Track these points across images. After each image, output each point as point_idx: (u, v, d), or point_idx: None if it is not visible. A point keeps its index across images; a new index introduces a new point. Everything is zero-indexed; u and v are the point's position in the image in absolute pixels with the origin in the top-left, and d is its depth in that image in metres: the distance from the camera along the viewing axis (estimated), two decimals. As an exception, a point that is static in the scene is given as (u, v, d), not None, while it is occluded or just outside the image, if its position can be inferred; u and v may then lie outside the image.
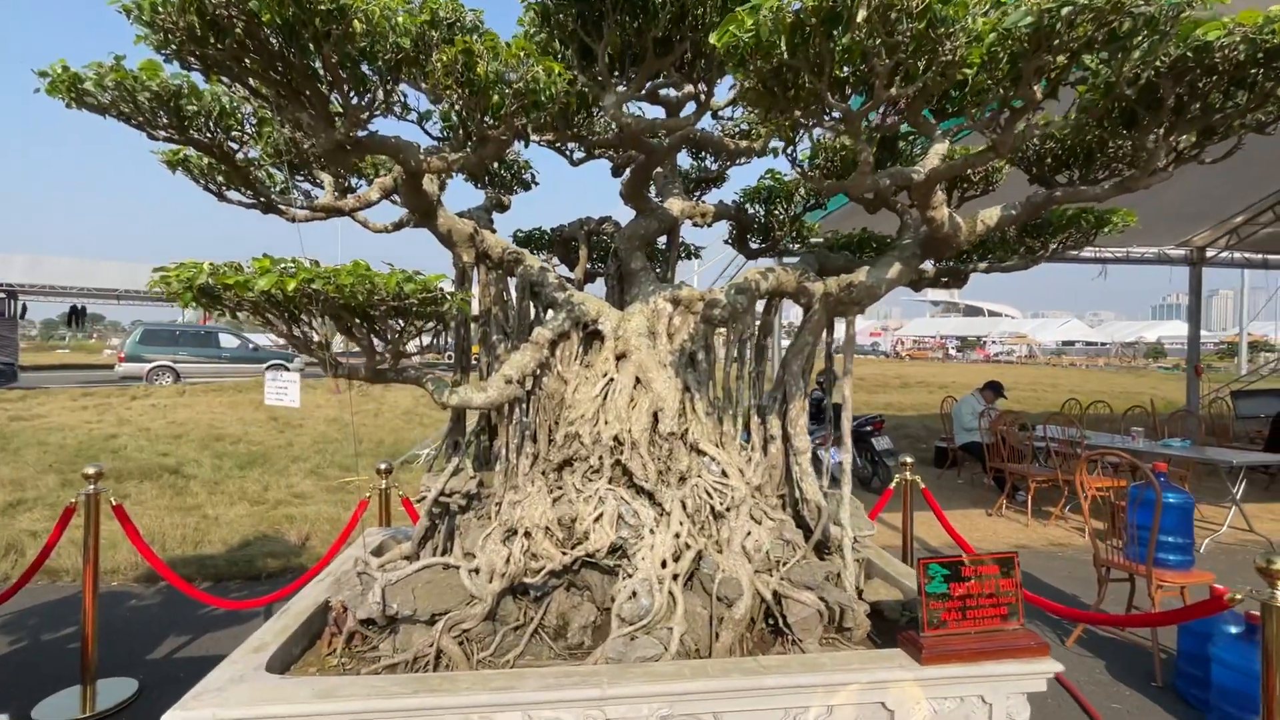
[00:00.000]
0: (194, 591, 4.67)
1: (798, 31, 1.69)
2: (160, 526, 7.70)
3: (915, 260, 2.69)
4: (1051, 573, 7.14)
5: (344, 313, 2.07)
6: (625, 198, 3.05)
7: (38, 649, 4.97)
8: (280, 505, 8.73)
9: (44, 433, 12.84)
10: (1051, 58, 1.70)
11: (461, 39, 1.86)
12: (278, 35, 1.78)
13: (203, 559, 6.87)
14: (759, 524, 2.80)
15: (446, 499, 2.84)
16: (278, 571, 6.67)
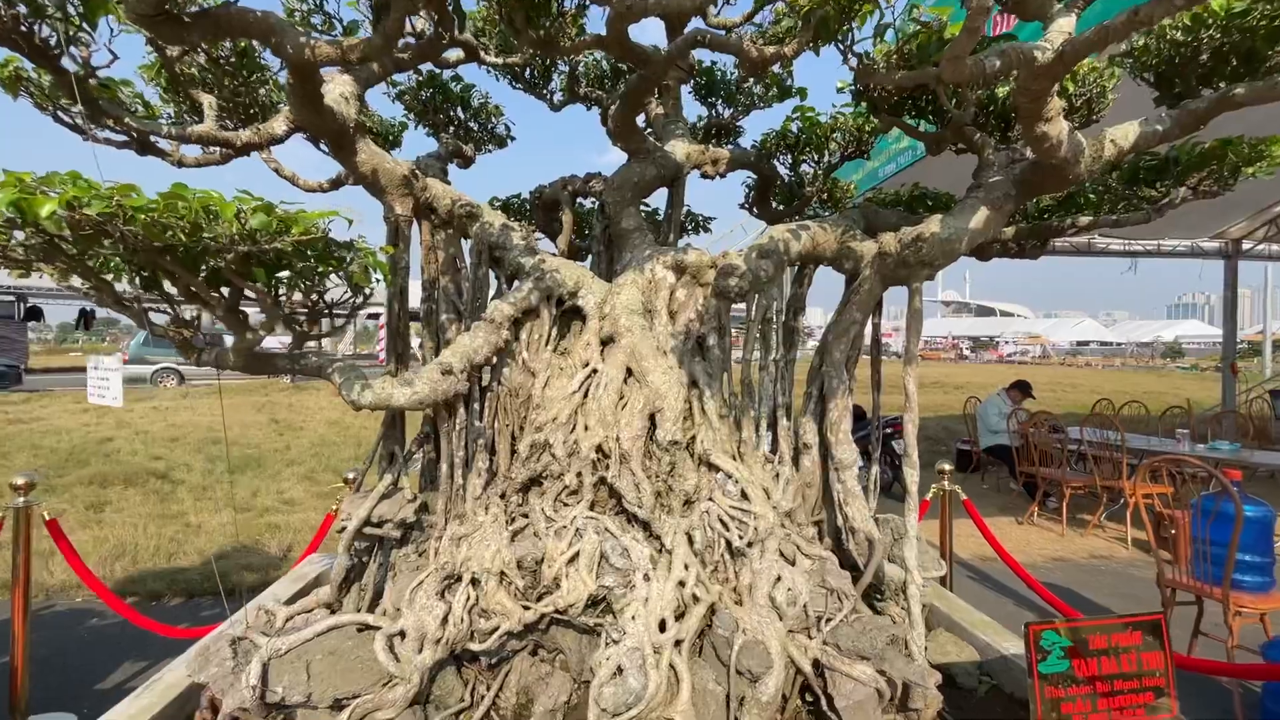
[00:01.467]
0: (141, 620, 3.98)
1: None
2: (134, 536, 7.03)
3: (1008, 203, 1.88)
4: (1096, 588, 6.22)
5: (164, 261, 1.29)
6: (615, 135, 2.26)
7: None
8: (267, 513, 8.07)
9: (39, 436, 12.28)
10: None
11: None
12: None
13: (175, 572, 6.18)
14: (792, 565, 1.99)
15: (375, 529, 2.05)
16: (255, 586, 6.00)
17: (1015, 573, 4.39)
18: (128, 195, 1.13)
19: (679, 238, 2.62)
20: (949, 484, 4.58)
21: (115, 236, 1.18)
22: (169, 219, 1.18)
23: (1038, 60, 1.37)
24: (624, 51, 1.88)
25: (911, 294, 1.98)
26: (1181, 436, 8.25)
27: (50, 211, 1.09)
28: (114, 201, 1.13)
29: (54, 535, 4.35)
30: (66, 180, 1.20)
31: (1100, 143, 1.71)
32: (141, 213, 1.14)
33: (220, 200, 1.23)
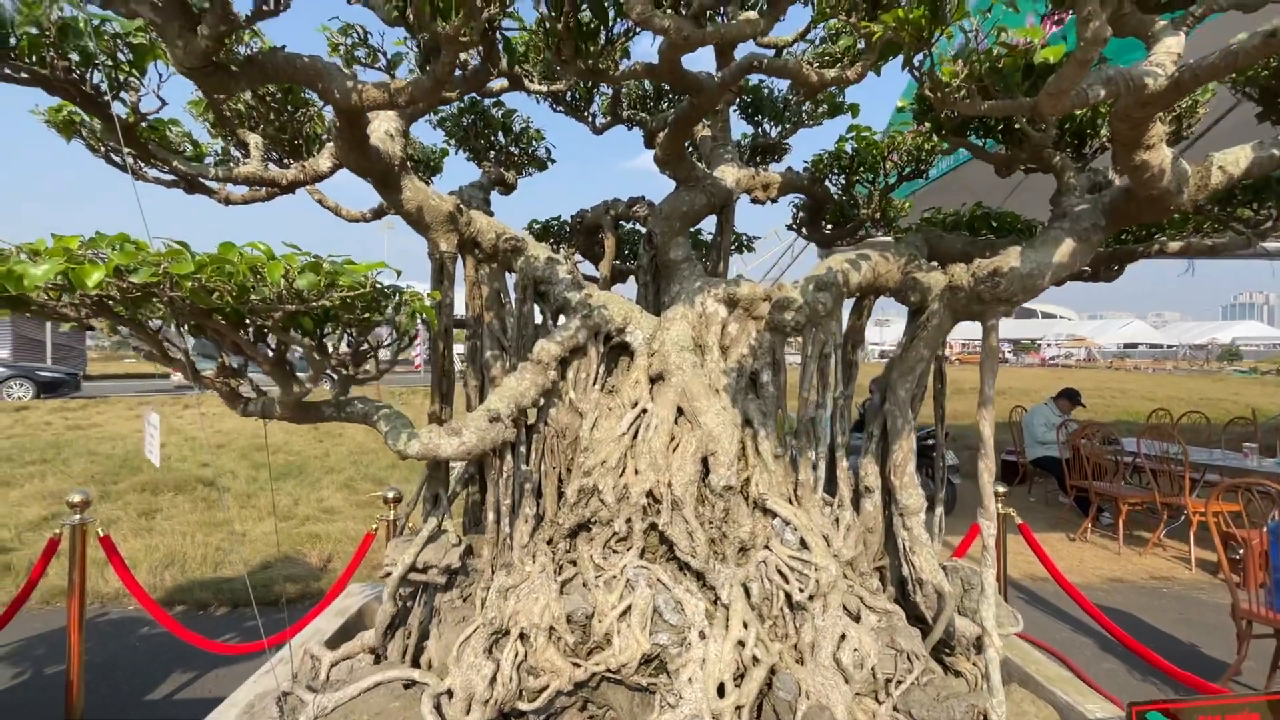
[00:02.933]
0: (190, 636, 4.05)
1: None
2: (183, 545, 7.22)
3: (1096, 234, 1.72)
4: (1158, 613, 5.87)
5: (212, 321, 1.25)
6: (662, 163, 2.16)
7: (40, 684, 4.42)
8: (307, 521, 8.21)
9: (96, 442, 12.78)
10: None
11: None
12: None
13: (221, 582, 6.32)
14: (856, 620, 1.86)
15: (420, 574, 1.99)
16: (295, 598, 6.09)
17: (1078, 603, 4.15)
18: (175, 261, 1.08)
19: (728, 265, 2.51)
20: (1003, 506, 4.36)
21: (163, 300, 1.13)
22: (216, 283, 1.12)
23: (1148, 88, 1.22)
24: (676, 80, 1.78)
25: (986, 331, 1.83)
26: (1249, 451, 7.77)
27: (97, 281, 1.04)
28: (161, 269, 1.08)
29: (107, 552, 4.44)
30: (115, 242, 1.15)
31: (1207, 169, 1.54)
32: (188, 280, 1.09)
33: (267, 255, 1.17)
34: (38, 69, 1.44)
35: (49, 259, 1.05)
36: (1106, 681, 4.39)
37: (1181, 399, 15.48)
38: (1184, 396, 16.44)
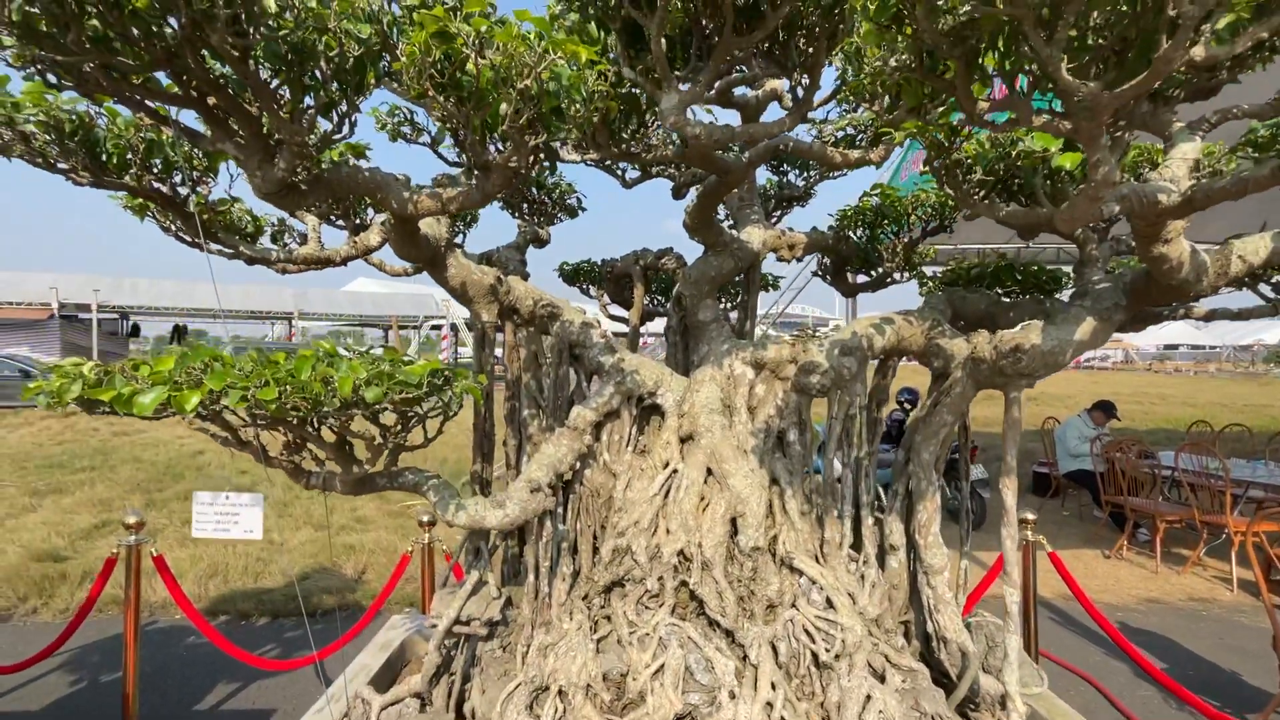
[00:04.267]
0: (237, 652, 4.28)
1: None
2: (225, 556, 7.52)
3: (1117, 314, 1.78)
4: (1196, 638, 5.77)
5: (287, 425, 1.39)
6: (691, 230, 2.27)
7: (94, 691, 4.70)
8: (342, 531, 8.46)
9: (140, 449, 13.28)
10: None
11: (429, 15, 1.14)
12: (162, 26, 1.11)
13: (262, 593, 6.59)
14: (881, 681, 1.95)
15: (463, 626, 2.13)
16: (332, 609, 6.32)
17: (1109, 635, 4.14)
18: (260, 387, 1.22)
19: (754, 324, 2.60)
20: (1032, 534, 4.36)
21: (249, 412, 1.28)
22: (293, 399, 1.26)
23: (1161, 204, 1.28)
24: (705, 164, 1.88)
25: (1009, 404, 1.89)
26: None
27: (194, 406, 1.19)
28: (249, 393, 1.22)
29: (160, 570, 4.70)
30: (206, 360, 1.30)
31: (1226, 258, 1.59)
32: (272, 402, 1.23)
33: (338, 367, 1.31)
34: (128, 182, 1.60)
35: (152, 384, 1.20)
36: (1141, 709, 4.36)
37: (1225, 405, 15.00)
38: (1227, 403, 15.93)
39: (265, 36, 1.08)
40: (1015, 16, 0.92)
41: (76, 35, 1.06)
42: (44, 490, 10.11)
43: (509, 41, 1.17)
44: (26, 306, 21.37)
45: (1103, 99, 0.96)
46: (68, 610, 6.09)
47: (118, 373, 1.26)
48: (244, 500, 2.40)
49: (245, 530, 2.37)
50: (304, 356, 1.34)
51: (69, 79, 1.22)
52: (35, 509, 9.31)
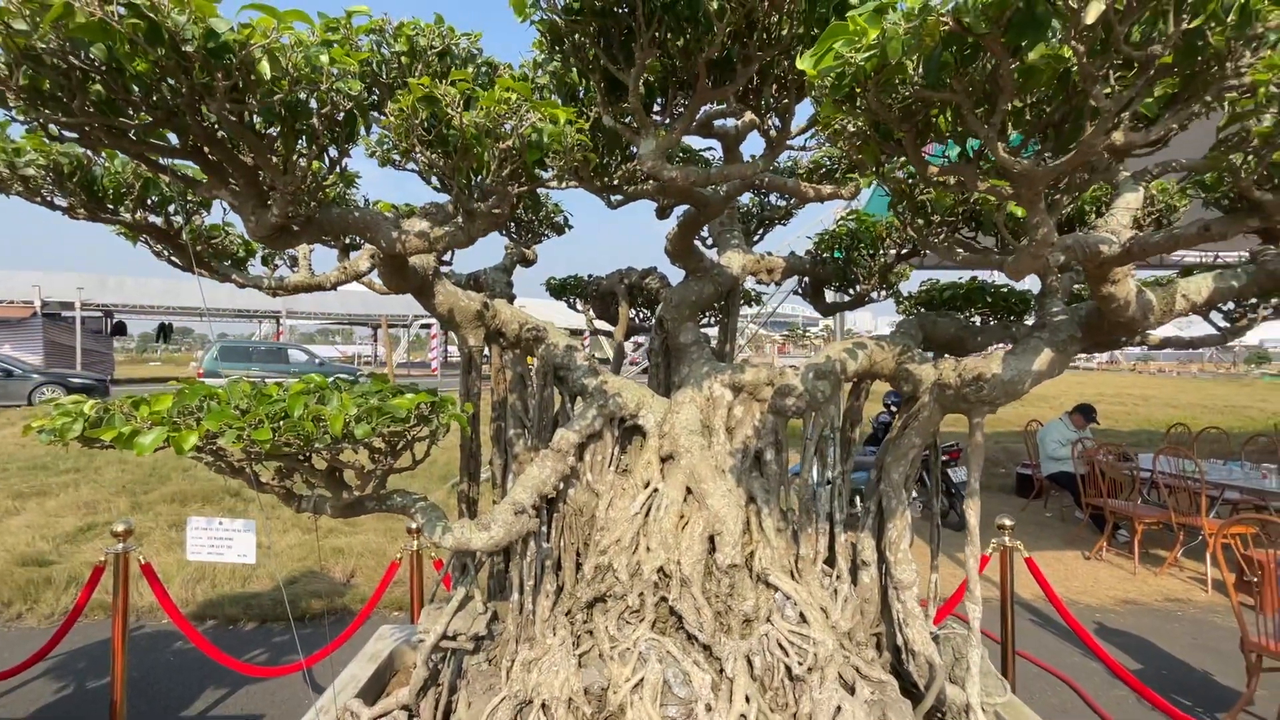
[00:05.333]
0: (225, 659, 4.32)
1: (954, 45, 0.96)
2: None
3: (1073, 345, 1.89)
4: (1170, 638, 5.94)
5: (281, 458, 1.47)
6: (672, 256, 2.36)
7: (81, 697, 4.72)
8: (330, 534, 8.47)
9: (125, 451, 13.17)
10: None
11: (417, 83, 1.22)
12: (161, 88, 1.18)
13: (249, 597, 6.61)
14: (852, 693, 2.06)
15: (450, 641, 2.22)
16: (320, 614, 6.35)
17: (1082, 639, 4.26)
18: (255, 428, 1.30)
19: (734, 346, 2.70)
20: (1010, 539, 4.48)
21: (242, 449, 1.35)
22: (288, 437, 1.34)
23: (1103, 254, 1.38)
24: (685, 198, 1.97)
25: (973, 429, 2.00)
26: (1268, 471, 7.78)
27: (191, 445, 1.26)
28: (244, 433, 1.29)
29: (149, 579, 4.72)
30: (200, 397, 1.37)
31: (1171, 297, 1.70)
32: (266, 442, 1.31)
33: (329, 402, 1.39)
34: (124, 217, 1.67)
35: (153, 426, 1.27)
36: (1115, 710, 4.49)
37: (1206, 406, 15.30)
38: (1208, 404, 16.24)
39: (261, 101, 1.15)
40: (954, 100, 1.01)
41: (81, 100, 1.13)
42: (27, 493, 10.03)
43: (492, 105, 1.25)
44: (8, 305, 21.13)
45: (1036, 173, 1.06)
46: (53, 616, 6.09)
47: (118, 411, 1.33)
48: (237, 526, 2.47)
49: (239, 555, 2.44)
50: (295, 395, 1.42)
51: (71, 134, 1.28)
52: (19, 512, 9.25)
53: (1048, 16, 0.90)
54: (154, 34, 1.02)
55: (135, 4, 0.97)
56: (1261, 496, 7.70)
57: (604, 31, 1.48)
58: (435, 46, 1.69)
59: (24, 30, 1.00)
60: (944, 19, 0.90)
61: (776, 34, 1.46)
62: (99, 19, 0.97)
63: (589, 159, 1.61)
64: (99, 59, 1.06)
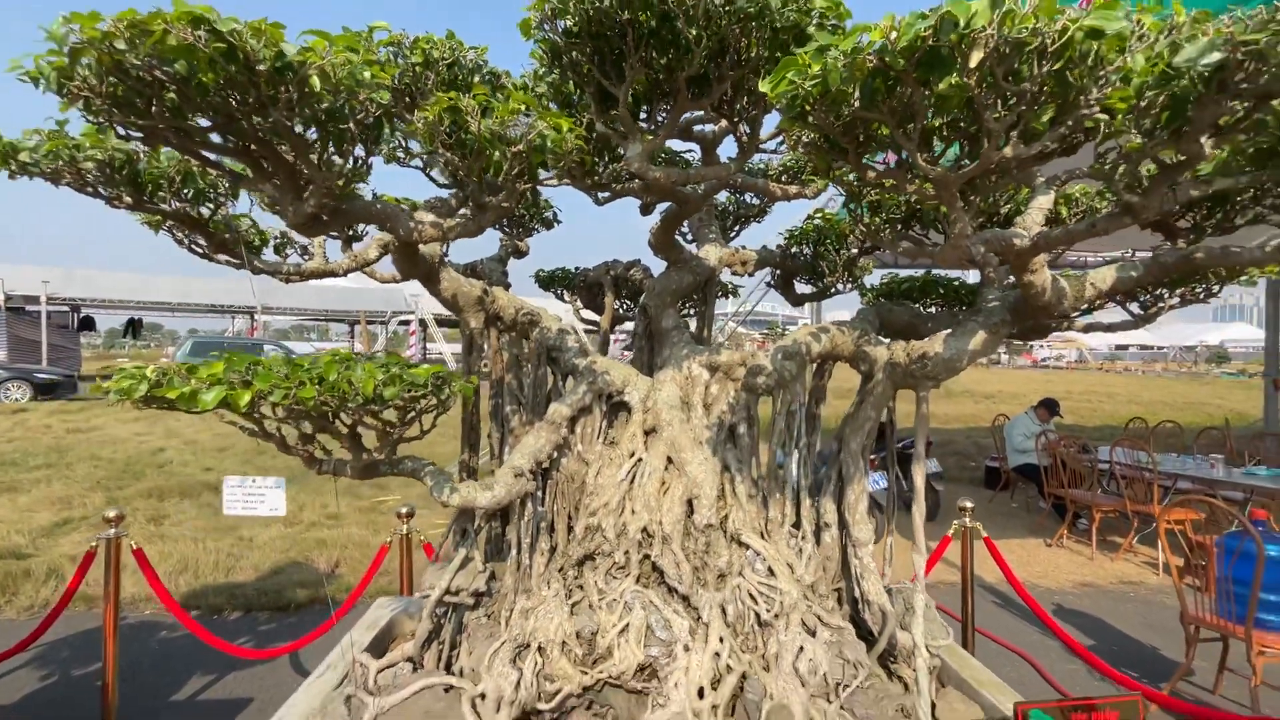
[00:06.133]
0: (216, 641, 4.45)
1: (879, 77, 1.24)
2: (195, 551, 7.57)
3: (1003, 328, 2.20)
4: (1122, 617, 6.40)
5: (312, 419, 1.70)
6: (655, 248, 2.63)
7: (66, 685, 4.81)
8: (313, 527, 8.56)
9: (98, 446, 13.06)
10: (1236, 103, 1.21)
11: (444, 96, 1.47)
12: (224, 96, 1.41)
13: (234, 587, 6.70)
14: (813, 636, 2.34)
15: (453, 597, 2.46)
16: (306, 603, 6.46)
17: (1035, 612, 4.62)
18: (301, 386, 1.53)
19: (711, 330, 2.97)
20: (970, 521, 4.83)
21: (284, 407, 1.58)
22: (326, 397, 1.57)
23: (1015, 246, 1.68)
24: (667, 196, 2.24)
25: (919, 401, 2.30)
26: (1215, 461, 8.29)
27: (247, 402, 1.49)
28: (290, 393, 1.53)
29: (140, 564, 4.86)
30: (248, 364, 1.60)
31: (1081, 285, 2.01)
32: (309, 400, 1.54)
33: (363, 376, 1.63)
34: (163, 206, 1.89)
35: (211, 384, 1.50)
36: (1068, 682, 4.86)
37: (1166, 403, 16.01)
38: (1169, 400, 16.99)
39: (311, 109, 1.39)
40: (882, 120, 1.29)
41: (159, 107, 1.35)
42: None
43: (506, 115, 1.50)
44: (-29, 299, 20.66)
45: (949, 178, 1.34)
46: (33, 608, 6.14)
47: (175, 374, 1.55)
48: (269, 483, 2.68)
49: (270, 509, 2.65)
50: (329, 362, 1.65)
51: (137, 134, 1.51)
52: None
53: (951, 57, 1.18)
54: (230, 54, 1.25)
55: (219, 30, 1.21)
56: (1211, 485, 8.20)
57: (598, 51, 1.75)
58: (446, 58, 1.93)
59: (121, 49, 1.23)
60: (870, 57, 1.18)
61: (746, 55, 1.73)
62: (188, 42, 1.20)
63: (585, 161, 1.87)
64: (179, 73, 1.29)
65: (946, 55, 1.16)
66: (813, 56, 1.21)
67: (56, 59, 1.28)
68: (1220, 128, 1.35)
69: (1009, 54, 1.10)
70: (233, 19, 1.23)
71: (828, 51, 1.21)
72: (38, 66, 1.30)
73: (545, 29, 1.73)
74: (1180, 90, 1.22)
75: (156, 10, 1.19)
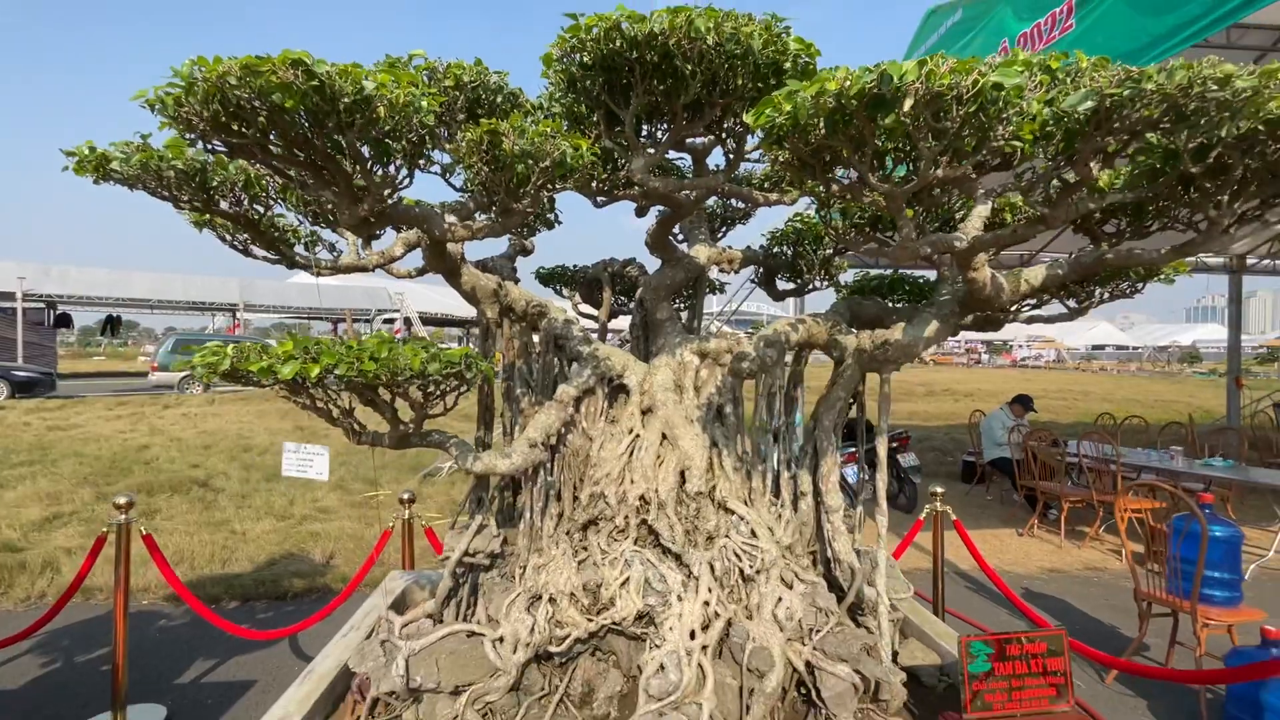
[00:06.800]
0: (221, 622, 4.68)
1: (838, 114, 1.60)
2: (189, 544, 7.74)
3: (954, 318, 2.58)
4: (1087, 600, 6.87)
5: (366, 390, 2.03)
6: (650, 247, 2.98)
7: (71, 670, 5.01)
8: (305, 521, 8.77)
9: (80, 443, 13.09)
10: (1111, 139, 1.58)
11: (487, 122, 1.81)
12: (302, 121, 1.74)
13: (230, 578, 6.90)
14: (790, 588, 2.71)
15: (470, 558, 2.79)
16: (303, 592, 6.67)
17: (1000, 590, 5.04)
18: (362, 361, 1.85)
19: (701, 322, 3.34)
20: (940, 504, 5.24)
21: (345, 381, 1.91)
22: (382, 372, 1.90)
23: (955, 248, 2.06)
24: (663, 201, 2.59)
25: (882, 381, 2.68)
26: (1175, 453, 8.83)
27: (317, 374, 1.81)
28: (354, 365, 1.85)
29: (150, 549, 5.10)
30: (307, 345, 1.93)
31: (1018, 281, 2.40)
32: (370, 372, 1.86)
33: (410, 352, 1.96)
34: (225, 208, 2.20)
35: (286, 360, 1.82)
36: (1032, 658, 5.27)
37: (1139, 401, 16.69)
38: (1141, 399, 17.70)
39: (375, 132, 1.71)
40: (840, 145, 1.65)
41: (254, 129, 1.67)
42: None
43: (536, 137, 1.84)
44: (-55, 296, 20.42)
45: (895, 192, 1.71)
46: (30, 599, 6.32)
47: (251, 352, 1.87)
48: (317, 449, 2.99)
49: (318, 473, 2.96)
50: (378, 344, 1.97)
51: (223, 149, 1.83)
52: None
53: (891, 100, 1.54)
54: (319, 90, 1.57)
55: (313, 70, 1.53)
56: (1172, 477, 8.73)
57: (609, 81, 2.09)
58: (473, 81, 2.27)
59: (232, 84, 1.54)
60: (829, 99, 1.53)
61: (734, 86, 2.09)
62: (287, 80, 1.52)
63: (595, 172, 2.21)
64: (274, 103, 1.61)
65: (888, 99, 1.52)
66: (785, 97, 1.57)
67: (175, 90, 1.59)
68: (1108, 154, 1.73)
69: (933, 100, 1.46)
70: (322, 61, 1.55)
71: (797, 94, 1.56)
72: (157, 95, 1.61)
73: (564, 62, 2.07)
74: (1070, 126, 1.59)
75: (266, 55, 1.51)
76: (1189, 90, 1.42)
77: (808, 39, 2.07)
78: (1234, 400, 12.26)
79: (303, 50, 1.53)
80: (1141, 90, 1.44)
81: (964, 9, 7.66)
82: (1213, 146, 1.73)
